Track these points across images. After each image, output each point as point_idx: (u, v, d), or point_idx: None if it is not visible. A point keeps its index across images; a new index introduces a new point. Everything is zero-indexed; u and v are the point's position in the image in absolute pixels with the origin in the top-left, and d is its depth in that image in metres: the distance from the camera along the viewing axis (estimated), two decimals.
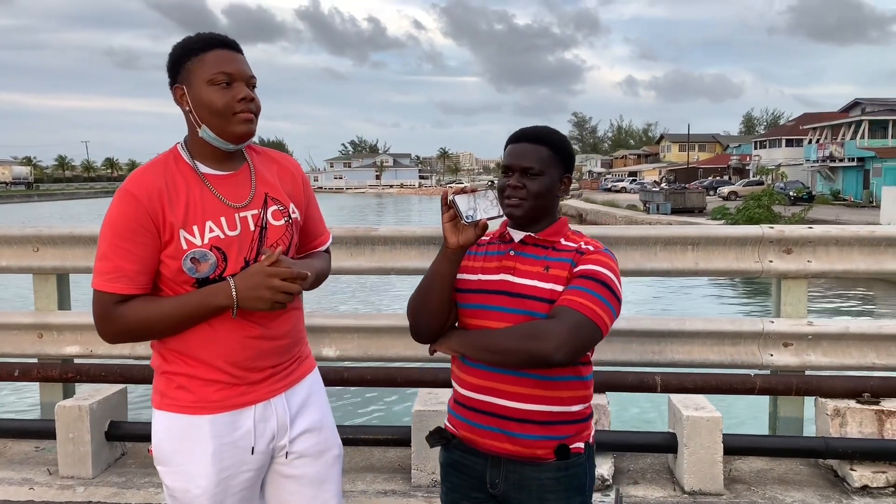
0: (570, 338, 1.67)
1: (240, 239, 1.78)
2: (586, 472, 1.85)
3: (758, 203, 28.66)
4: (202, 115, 1.76)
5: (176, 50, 1.79)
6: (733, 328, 3.88)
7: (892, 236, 3.85)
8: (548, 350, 1.66)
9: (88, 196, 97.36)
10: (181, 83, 1.78)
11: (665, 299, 16.57)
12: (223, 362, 1.80)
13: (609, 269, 1.77)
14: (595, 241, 1.85)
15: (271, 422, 1.86)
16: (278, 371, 1.89)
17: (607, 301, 1.73)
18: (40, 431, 3.95)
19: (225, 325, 1.78)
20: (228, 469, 1.81)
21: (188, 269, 1.74)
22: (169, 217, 1.72)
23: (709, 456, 3.43)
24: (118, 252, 1.71)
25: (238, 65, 1.77)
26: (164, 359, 1.84)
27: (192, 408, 1.80)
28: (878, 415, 3.56)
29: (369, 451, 3.93)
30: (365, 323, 4.08)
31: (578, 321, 1.68)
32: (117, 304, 1.73)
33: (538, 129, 1.88)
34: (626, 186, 69.45)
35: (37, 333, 4.23)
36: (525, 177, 1.81)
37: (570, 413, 1.81)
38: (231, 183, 1.83)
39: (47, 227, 4.25)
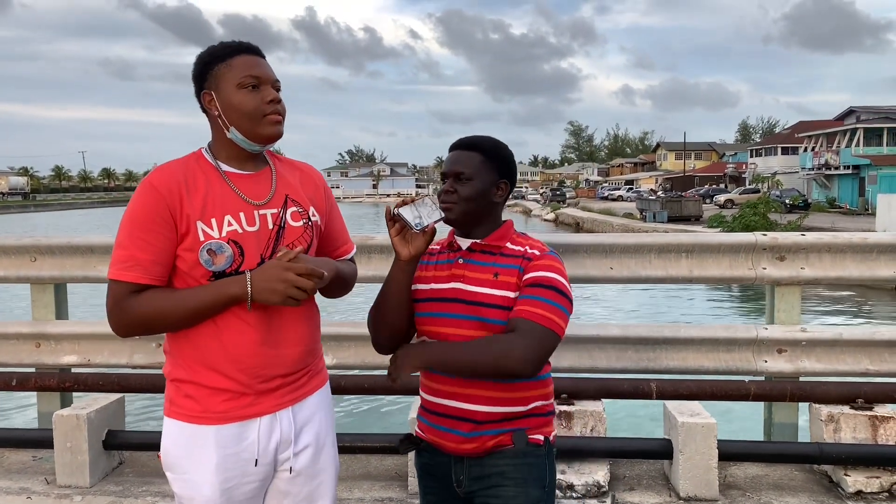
0: (535, 353, 1.74)
1: (257, 235, 1.80)
2: (546, 466, 1.88)
3: (754, 211, 28.78)
4: (231, 117, 1.80)
5: (203, 57, 1.84)
6: (727, 335, 3.91)
7: (884, 243, 3.88)
8: (515, 367, 1.73)
9: (85, 206, 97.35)
10: (209, 89, 1.82)
11: (660, 306, 16.60)
12: (232, 368, 1.80)
13: (557, 273, 1.83)
14: (540, 244, 1.91)
15: (275, 435, 1.86)
16: (288, 382, 1.88)
17: (561, 306, 1.80)
18: (38, 441, 3.95)
19: (233, 329, 1.78)
20: (232, 479, 1.82)
21: (205, 262, 1.75)
22: (186, 208, 1.74)
23: (704, 462, 3.45)
24: (135, 242, 1.73)
25: (264, 69, 1.83)
26: (174, 365, 1.85)
27: (198, 417, 1.81)
28: (872, 420, 3.59)
29: (366, 458, 3.95)
30: (362, 331, 4.09)
31: (541, 335, 1.75)
32: (131, 294, 1.73)
33: (474, 137, 1.96)
34: (622, 195, 69.60)
35: (34, 343, 4.24)
36: (457, 182, 1.89)
37: (529, 410, 1.88)
38: (252, 181, 1.86)
39: (45, 237, 4.26)
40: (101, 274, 4.21)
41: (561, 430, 3.65)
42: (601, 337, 3.93)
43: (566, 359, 3.93)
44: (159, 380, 3.95)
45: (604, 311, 16.02)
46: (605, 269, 3.97)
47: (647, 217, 39.77)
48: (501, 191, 1.93)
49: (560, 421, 3.66)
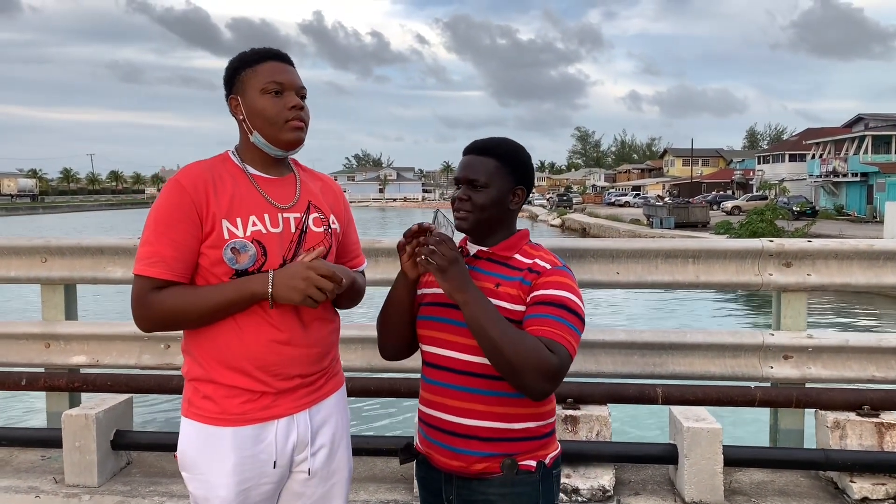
0: (557, 376, 1.66)
1: (280, 237, 1.84)
2: (539, 493, 1.78)
3: (761, 218, 28.69)
4: (255, 122, 1.85)
5: (232, 63, 1.90)
6: (734, 341, 3.91)
7: (891, 250, 3.88)
8: (534, 379, 1.63)
9: (93, 209, 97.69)
10: (236, 94, 1.88)
11: (667, 311, 16.57)
12: (251, 366, 1.81)
13: (572, 292, 1.75)
14: (552, 258, 1.82)
15: (292, 437, 1.88)
16: (307, 384, 1.90)
17: (576, 328, 1.72)
18: (46, 440, 3.98)
19: (253, 326, 1.81)
20: (249, 481, 1.83)
21: (228, 260, 1.78)
22: (213, 207, 1.78)
23: (709, 467, 3.45)
24: (160, 238, 1.77)
25: (289, 75, 1.87)
26: (192, 364, 1.87)
27: (216, 419, 1.83)
28: (878, 427, 3.58)
29: (372, 461, 3.96)
30: (369, 334, 4.11)
31: (566, 360, 1.68)
32: (154, 289, 1.77)
33: (489, 140, 1.87)
34: (629, 201, 69.53)
35: (44, 343, 4.27)
36: (471, 189, 1.81)
37: (515, 430, 1.77)
38: (277, 185, 1.90)
39: (55, 238, 4.30)
40: (110, 275, 4.24)
41: (567, 435, 3.66)
42: (608, 342, 3.94)
43: (573, 363, 3.93)
44: (168, 380, 3.98)
45: (611, 316, 16.01)
46: (612, 273, 3.98)
47: (654, 223, 39.72)
48: (518, 198, 1.85)
49: (566, 425, 3.67)
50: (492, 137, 1.89)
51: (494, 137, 1.89)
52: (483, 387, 1.76)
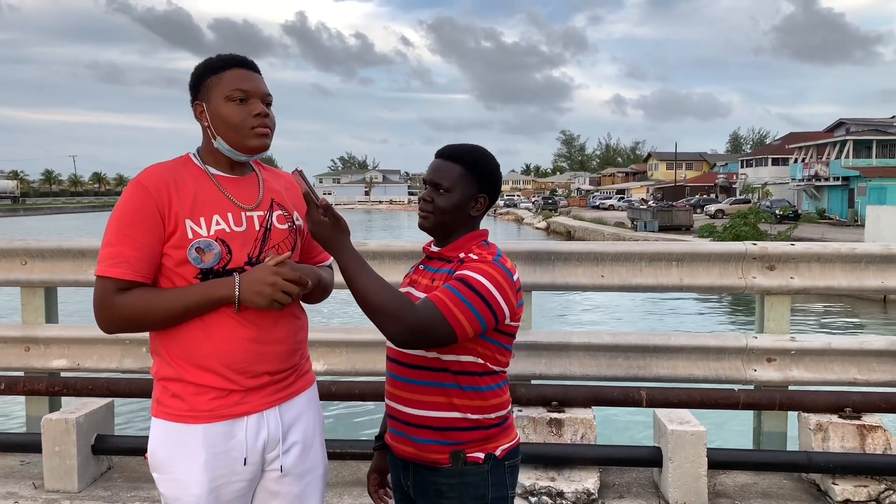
0: (415, 328, 1.70)
1: (244, 235, 1.85)
2: (487, 484, 1.84)
3: (744, 221, 28.96)
4: (219, 129, 1.86)
5: (197, 69, 1.90)
6: (717, 343, 3.93)
7: (872, 253, 3.91)
8: (390, 326, 1.70)
9: (76, 211, 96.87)
10: (201, 100, 1.88)
11: (652, 314, 16.65)
12: (219, 364, 1.81)
13: (485, 276, 1.77)
14: (488, 252, 1.87)
15: (262, 434, 1.88)
16: (276, 381, 1.90)
17: (470, 304, 1.74)
18: (26, 445, 3.93)
19: (220, 325, 1.81)
20: (220, 478, 1.83)
21: (193, 259, 1.78)
22: (175, 207, 1.78)
23: (693, 470, 3.46)
24: (122, 239, 1.77)
25: (253, 82, 1.87)
26: (161, 364, 1.86)
27: (185, 416, 1.82)
28: (860, 429, 3.61)
29: (356, 465, 3.94)
30: (353, 337, 4.10)
31: (434, 317, 1.72)
32: (118, 291, 1.76)
33: (459, 146, 1.94)
34: (613, 204, 69.83)
35: (24, 347, 4.22)
36: (435, 192, 1.89)
37: (465, 420, 1.84)
38: (240, 185, 1.91)
39: (36, 241, 4.25)
40: (91, 278, 4.14)
41: (551, 438, 3.66)
42: (592, 344, 3.95)
43: (557, 366, 3.94)
44: (149, 384, 3.91)
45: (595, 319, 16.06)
46: (597, 276, 3.99)
47: (638, 226, 39.90)
48: (480, 205, 1.92)
49: (550, 428, 3.67)
50: (463, 144, 1.95)
51: (465, 144, 1.95)
52: (425, 378, 1.84)
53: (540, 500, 3.50)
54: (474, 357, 1.83)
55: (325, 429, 2.16)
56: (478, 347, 1.83)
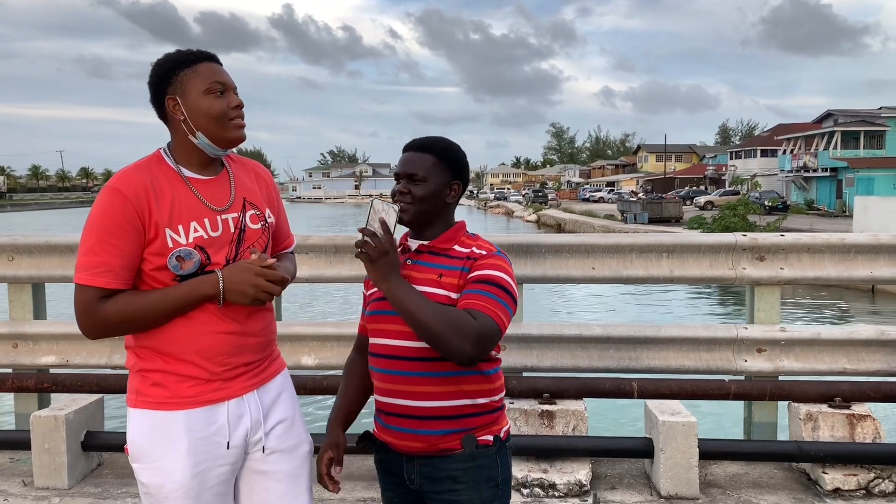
0: (481, 340, 1.74)
1: (220, 240, 1.87)
2: (497, 465, 1.91)
3: (733, 212, 29.05)
4: (199, 122, 1.86)
5: (165, 63, 1.88)
6: (708, 335, 3.94)
7: (861, 244, 3.93)
8: (459, 345, 1.72)
9: (63, 206, 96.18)
10: (173, 94, 1.86)
11: (643, 306, 16.71)
12: (199, 357, 1.84)
13: (503, 272, 1.86)
14: (488, 245, 1.94)
15: (245, 417, 1.91)
16: (252, 369, 1.94)
17: (505, 303, 1.82)
18: (15, 442, 3.90)
19: (201, 320, 1.84)
20: (203, 463, 1.84)
21: (173, 267, 1.80)
22: (155, 215, 1.79)
23: (684, 460, 3.47)
24: (104, 247, 1.76)
25: (226, 76, 1.91)
26: (140, 357, 1.87)
27: (167, 403, 1.84)
28: (850, 419, 3.63)
29: (348, 459, 3.91)
30: (344, 331, 4.09)
31: (490, 326, 1.77)
32: (101, 299, 1.77)
33: (427, 138, 2.00)
34: (603, 196, 69.97)
35: (11, 343, 4.19)
36: (410, 182, 1.93)
37: (474, 406, 1.89)
38: (213, 187, 1.92)
39: (23, 236, 4.22)
40: None
41: (543, 430, 3.66)
42: (583, 336, 3.95)
43: (548, 358, 3.94)
44: None
45: (586, 311, 16.10)
46: (587, 268, 4.00)
47: (628, 218, 40.01)
48: (454, 191, 1.97)
49: (542, 420, 3.67)
50: (430, 136, 2.02)
51: (432, 136, 2.02)
52: (432, 369, 1.86)
53: (532, 492, 3.51)
54: None
55: (318, 424, 2.17)
56: None
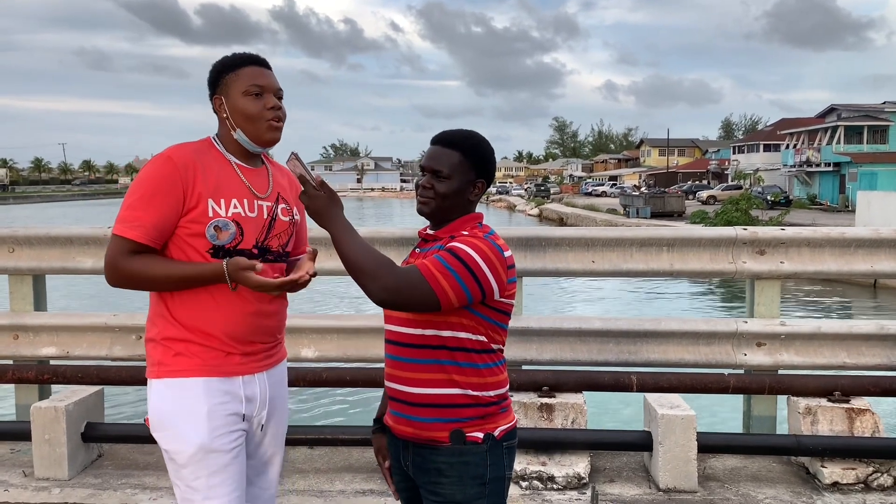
0: (395, 290, 1.75)
1: (255, 221, 2.04)
2: (486, 463, 1.88)
3: (736, 207, 28.97)
4: (237, 120, 2.04)
5: (216, 67, 2.09)
6: (708, 328, 3.94)
7: (861, 238, 3.92)
8: (371, 288, 1.76)
9: (66, 199, 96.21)
10: (220, 94, 2.07)
11: (644, 299, 16.71)
12: (223, 334, 1.99)
13: (472, 248, 1.81)
14: (484, 231, 1.91)
15: (256, 394, 2.07)
16: (267, 349, 2.11)
17: (456, 274, 1.78)
18: (15, 433, 3.92)
19: (228, 297, 1.99)
20: (220, 428, 1.97)
21: (210, 236, 1.96)
22: (199, 186, 1.96)
23: (683, 454, 3.48)
24: (143, 205, 1.93)
25: (267, 79, 2.06)
26: (164, 326, 2.01)
27: (188, 371, 1.97)
28: (849, 413, 3.63)
29: (348, 451, 3.95)
30: (344, 324, 4.09)
31: (416, 281, 1.76)
32: (129, 252, 1.93)
33: (455, 133, 1.98)
34: (606, 191, 69.85)
35: (12, 335, 4.20)
36: (434, 178, 1.93)
37: (465, 396, 1.87)
38: (255, 175, 2.10)
39: (23, 228, 4.22)
40: (80, 265, 4.17)
41: (542, 423, 3.67)
42: (583, 330, 3.95)
43: (548, 351, 3.95)
44: (139, 372, 3.92)
45: (586, 304, 16.11)
46: (587, 262, 3.99)
47: (631, 213, 39.95)
48: (478, 190, 1.97)
49: (541, 413, 3.68)
50: (459, 130, 2.00)
51: (461, 130, 1.99)
52: (424, 356, 1.87)
53: (531, 485, 3.52)
54: (470, 333, 1.86)
55: (318, 416, 2.24)
56: (471, 322, 1.86)
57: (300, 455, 3.91)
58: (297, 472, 3.71)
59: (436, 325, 1.85)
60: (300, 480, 3.64)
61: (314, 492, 3.54)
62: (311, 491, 3.54)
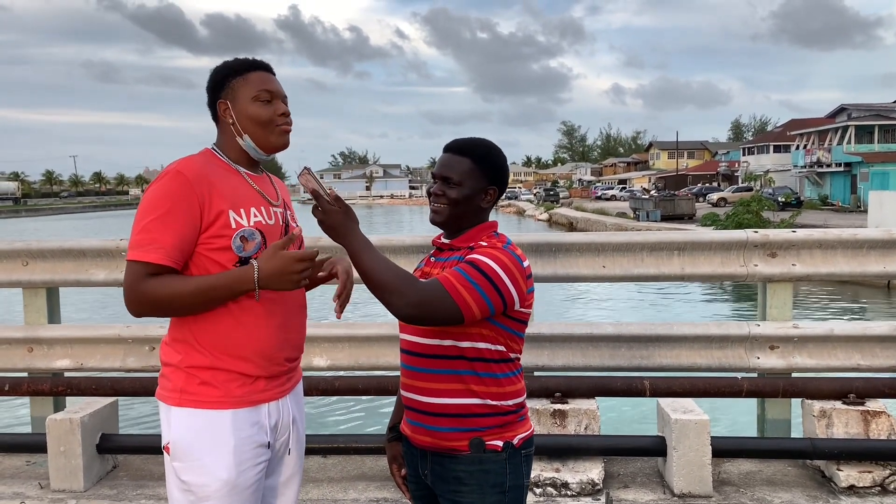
0: (420, 305, 1.74)
1: (274, 229, 2.00)
2: (505, 472, 1.88)
3: (747, 209, 28.88)
4: (245, 126, 1.98)
5: (220, 70, 2.03)
6: (720, 332, 3.92)
7: (874, 239, 3.90)
8: (396, 304, 1.75)
9: (77, 211, 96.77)
10: (225, 99, 2.00)
11: (655, 304, 16.64)
12: (251, 351, 1.92)
13: (493, 260, 1.81)
14: (502, 240, 1.92)
15: (280, 419, 2.02)
16: (290, 369, 2.05)
17: (478, 286, 1.78)
18: (31, 445, 3.94)
19: (251, 313, 1.92)
20: (246, 462, 1.91)
21: (236, 248, 1.89)
22: (216, 199, 1.87)
23: (697, 458, 3.46)
24: (158, 225, 1.82)
25: (276, 85, 2.03)
26: (188, 353, 1.91)
27: (216, 403, 1.89)
28: (864, 415, 3.61)
29: (361, 459, 3.95)
30: (356, 332, 4.10)
31: (440, 296, 1.76)
32: (148, 276, 1.81)
33: (467, 140, 1.99)
34: (615, 194, 69.71)
35: (27, 347, 4.23)
36: (446, 185, 1.93)
37: (484, 406, 1.87)
38: (263, 183, 2.06)
39: (37, 241, 4.26)
40: (93, 277, 4.20)
41: (555, 429, 3.66)
42: (595, 335, 3.95)
43: (560, 357, 3.94)
44: (153, 383, 3.93)
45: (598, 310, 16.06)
46: (598, 267, 3.99)
47: (641, 216, 39.83)
48: (490, 197, 1.97)
49: (554, 419, 3.67)
50: (471, 138, 2.01)
51: (473, 138, 2.01)
52: (443, 366, 1.87)
53: (545, 491, 3.51)
54: (489, 343, 1.86)
55: (330, 424, 2.24)
56: (491, 333, 1.86)
57: (313, 464, 3.92)
58: (310, 482, 3.72)
59: (454, 336, 1.85)
60: (314, 489, 3.65)
61: (328, 500, 3.54)
62: (324, 500, 3.55)
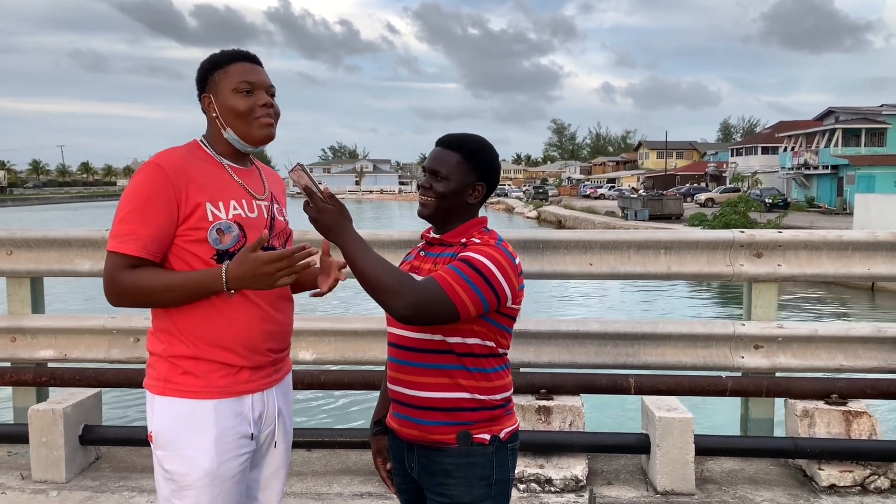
0: (417, 305, 1.74)
1: (256, 222, 1.97)
2: (492, 465, 1.90)
3: (734, 210, 29.03)
4: (227, 119, 1.97)
5: (204, 65, 2.01)
6: (705, 331, 3.94)
7: (859, 241, 3.93)
8: (395, 305, 1.74)
9: (64, 201, 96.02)
10: (209, 93, 1.99)
11: (642, 302, 16.72)
12: (234, 341, 1.91)
13: (487, 258, 1.82)
14: (493, 236, 1.93)
15: (265, 411, 2.00)
16: (278, 359, 2.04)
17: (474, 285, 1.78)
18: (13, 435, 3.91)
19: (236, 304, 1.90)
20: (227, 453, 1.90)
21: (213, 240, 1.88)
22: (193, 191, 1.86)
23: (681, 456, 3.48)
24: (137, 217, 1.83)
25: (258, 75, 1.99)
26: (171, 342, 1.91)
27: (198, 392, 1.89)
28: (846, 415, 3.64)
29: (345, 453, 3.95)
30: (342, 326, 4.09)
31: (436, 295, 1.76)
32: (127, 267, 1.83)
33: (459, 135, 1.99)
34: (604, 193, 69.89)
35: (10, 337, 4.20)
36: (434, 178, 1.94)
37: (472, 400, 1.88)
38: (248, 176, 2.04)
39: (21, 231, 4.22)
40: (78, 268, 4.17)
41: (539, 425, 3.67)
42: (581, 332, 3.96)
43: (546, 354, 3.95)
44: (137, 374, 3.92)
45: (584, 307, 16.11)
46: (585, 265, 4.00)
47: (629, 215, 39.98)
48: (477, 192, 1.96)
49: (539, 416, 3.68)
50: (463, 133, 2.00)
51: (465, 133, 2.00)
52: (431, 361, 1.87)
53: (528, 487, 3.52)
54: (479, 339, 1.87)
55: (315, 418, 2.22)
56: (482, 329, 1.87)
57: (297, 458, 3.91)
58: (294, 475, 3.71)
59: (443, 331, 1.85)
60: (297, 483, 3.64)
61: (312, 494, 3.54)
62: (308, 494, 3.54)
